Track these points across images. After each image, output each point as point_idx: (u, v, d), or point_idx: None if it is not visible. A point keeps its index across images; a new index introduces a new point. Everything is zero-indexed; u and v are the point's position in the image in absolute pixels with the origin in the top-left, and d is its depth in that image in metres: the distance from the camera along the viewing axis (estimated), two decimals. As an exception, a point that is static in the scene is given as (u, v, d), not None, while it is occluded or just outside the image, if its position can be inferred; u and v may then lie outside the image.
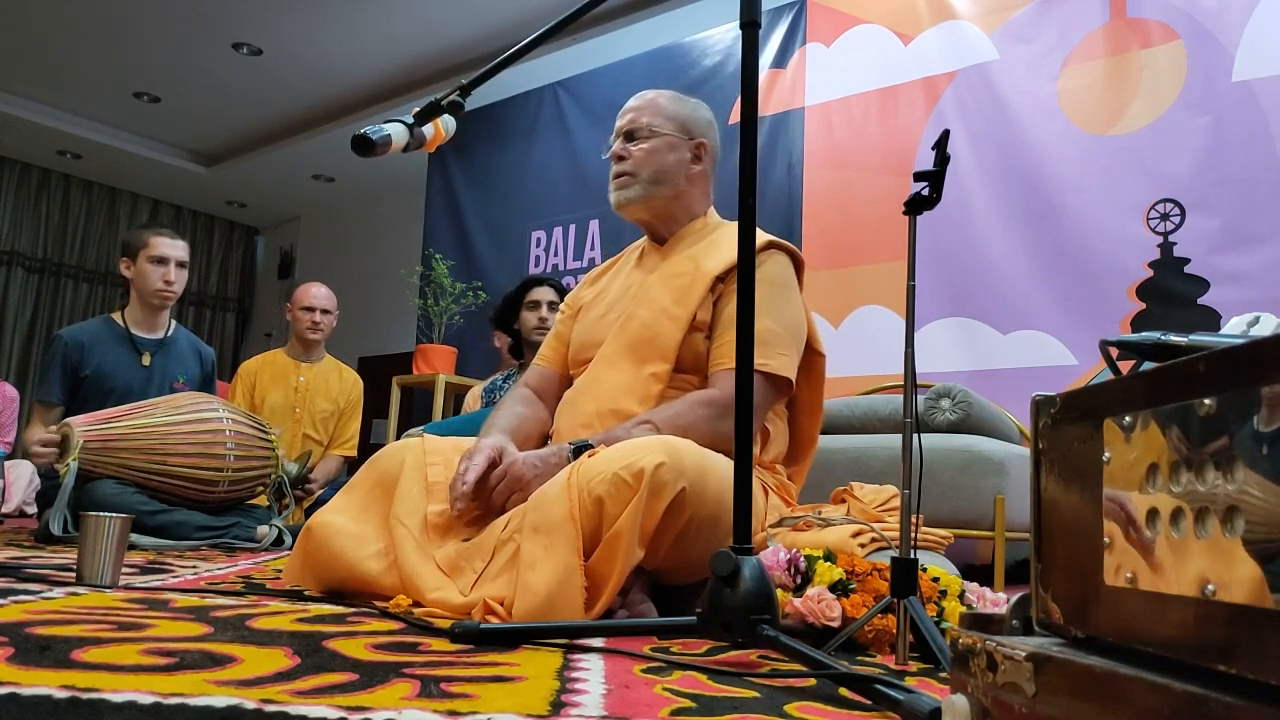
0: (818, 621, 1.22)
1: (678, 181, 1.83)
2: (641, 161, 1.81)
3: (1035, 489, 0.59)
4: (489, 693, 0.82)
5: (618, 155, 1.84)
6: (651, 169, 1.81)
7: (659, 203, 1.83)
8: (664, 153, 1.82)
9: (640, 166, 1.81)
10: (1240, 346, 0.43)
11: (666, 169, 1.82)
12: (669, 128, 1.83)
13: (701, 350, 1.70)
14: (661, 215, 1.85)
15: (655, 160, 1.81)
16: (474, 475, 1.51)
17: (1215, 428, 0.44)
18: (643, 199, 1.82)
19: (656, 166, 1.81)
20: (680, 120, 1.85)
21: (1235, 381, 0.43)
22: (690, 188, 1.86)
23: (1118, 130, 3.23)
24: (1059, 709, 0.50)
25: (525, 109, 5.26)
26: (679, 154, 1.83)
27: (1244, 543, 0.41)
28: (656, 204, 1.83)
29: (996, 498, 2.47)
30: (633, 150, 1.82)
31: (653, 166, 1.81)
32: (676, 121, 1.84)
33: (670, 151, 1.82)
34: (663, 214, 1.85)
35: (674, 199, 1.84)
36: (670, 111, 1.85)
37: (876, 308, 3.70)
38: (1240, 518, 0.42)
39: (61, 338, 2.99)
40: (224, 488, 2.74)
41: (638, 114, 1.84)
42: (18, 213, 7.51)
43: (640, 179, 1.81)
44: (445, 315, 4.62)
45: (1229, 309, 2.89)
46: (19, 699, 0.69)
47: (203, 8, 5.11)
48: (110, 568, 1.51)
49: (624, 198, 1.83)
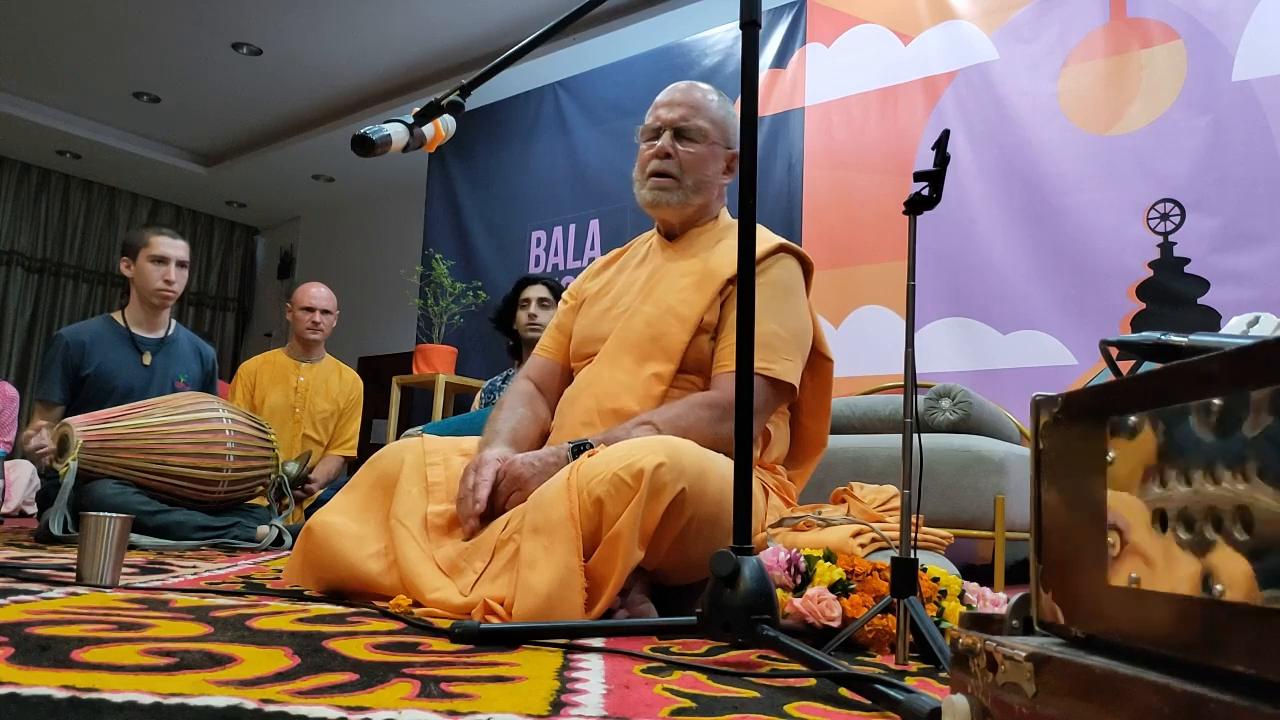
0: (818, 621, 1.22)
1: (711, 191, 1.81)
2: (689, 166, 1.77)
3: (1035, 489, 0.59)
4: (489, 693, 0.82)
5: (665, 152, 1.77)
6: (696, 176, 1.77)
7: (691, 210, 1.81)
8: (709, 162, 1.78)
9: (687, 172, 1.77)
10: (1245, 348, 0.43)
11: (708, 178, 1.79)
12: (716, 135, 1.79)
13: (706, 351, 1.69)
14: (687, 220, 1.83)
15: (701, 168, 1.78)
16: (485, 492, 1.50)
17: (1217, 429, 0.44)
18: (680, 204, 1.79)
19: (701, 175, 1.78)
20: (725, 129, 1.81)
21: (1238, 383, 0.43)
22: (718, 199, 1.85)
23: (1118, 130, 3.23)
24: (1059, 709, 0.50)
25: (525, 109, 5.26)
26: (718, 164, 1.81)
27: (1244, 543, 0.41)
28: (690, 211, 1.81)
29: (996, 498, 2.47)
30: (681, 151, 1.77)
31: (698, 174, 1.78)
32: (722, 129, 1.80)
33: (713, 161, 1.79)
34: (688, 219, 1.83)
35: (704, 207, 1.83)
36: (719, 117, 1.80)
37: (876, 308, 3.70)
38: (1240, 518, 0.42)
39: (62, 337, 2.99)
40: (224, 488, 2.74)
41: (692, 112, 1.78)
42: (17, 213, 7.51)
43: (684, 185, 1.77)
44: (445, 315, 4.62)
45: (1229, 309, 2.89)
46: (19, 699, 0.69)
47: (203, 8, 5.11)
48: (110, 568, 1.51)
49: (663, 199, 1.78)
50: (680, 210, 1.80)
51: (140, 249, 3.06)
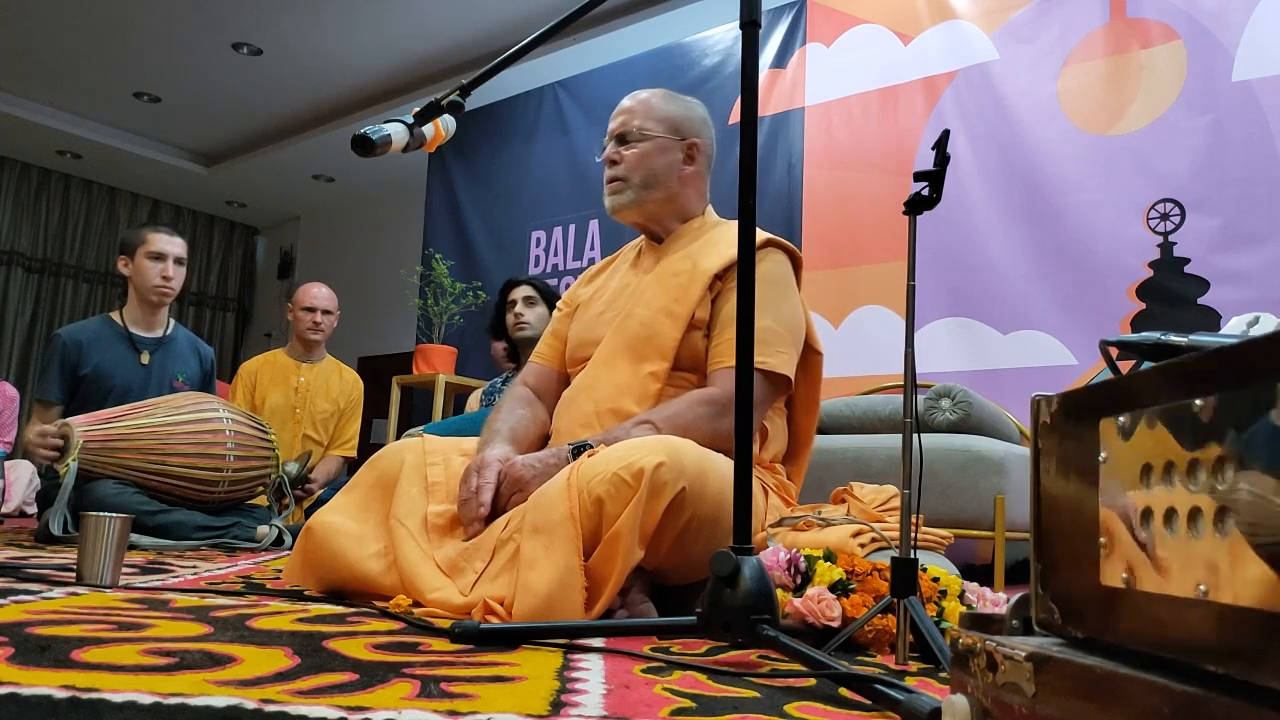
0: (818, 621, 1.22)
1: (670, 184, 1.83)
2: (633, 165, 1.81)
3: (1035, 489, 0.59)
4: (489, 693, 0.82)
5: (610, 159, 1.83)
6: (642, 173, 1.81)
7: (652, 206, 1.83)
8: (654, 156, 1.81)
9: (631, 171, 1.81)
10: (1237, 346, 0.43)
11: (657, 172, 1.81)
12: (660, 129, 1.82)
13: (700, 349, 1.70)
14: (655, 218, 1.85)
15: (646, 164, 1.81)
16: (489, 495, 1.50)
17: (1214, 427, 0.44)
18: (635, 203, 1.82)
19: (647, 170, 1.81)
20: (672, 121, 1.84)
21: (1233, 381, 0.43)
22: (683, 189, 1.85)
23: (1118, 130, 3.23)
24: (1059, 709, 0.50)
25: (525, 109, 5.26)
26: (670, 156, 1.82)
27: (1243, 543, 0.41)
28: (649, 207, 1.83)
29: (996, 498, 2.47)
30: (624, 154, 1.81)
31: (644, 170, 1.81)
32: (668, 123, 1.83)
33: (661, 154, 1.81)
34: (656, 216, 1.85)
35: (666, 201, 1.83)
36: (661, 113, 1.83)
37: (876, 308, 3.70)
38: (1239, 518, 0.42)
39: (60, 337, 2.99)
40: (224, 488, 2.74)
41: (629, 116, 1.84)
42: (18, 213, 7.51)
43: (632, 183, 1.81)
44: (445, 315, 4.62)
45: (1229, 309, 2.89)
46: (19, 699, 0.69)
47: (203, 8, 5.11)
48: (110, 568, 1.51)
49: (616, 203, 1.83)
50: (639, 209, 1.83)
51: (138, 246, 3.06)
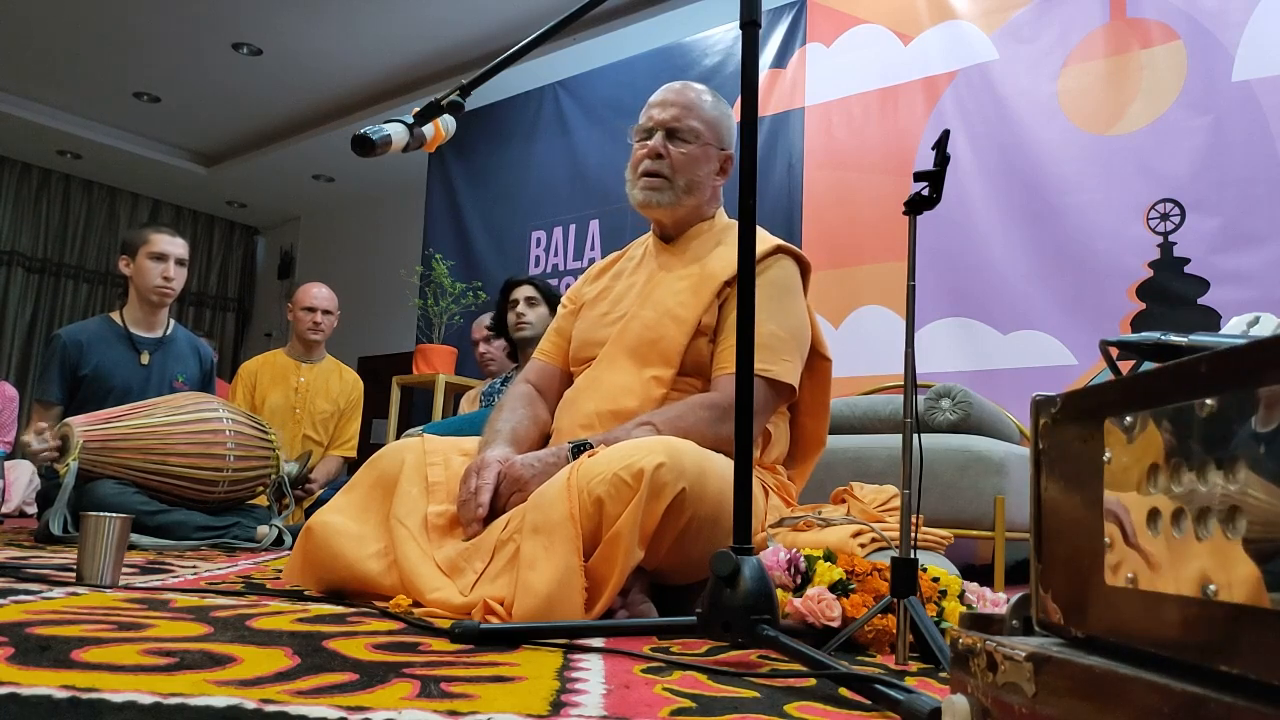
0: (818, 621, 1.22)
1: (704, 192, 1.81)
2: (680, 167, 1.76)
3: (1035, 489, 0.59)
4: (489, 693, 0.82)
5: (656, 151, 1.77)
6: (688, 177, 1.77)
7: (683, 211, 1.81)
8: (701, 163, 1.78)
9: (678, 172, 1.77)
10: (1241, 347, 0.43)
11: (700, 179, 1.79)
12: (709, 135, 1.79)
13: (705, 354, 1.69)
14: (680, 221, 1.83)
15: (693, 169, 1.77)
16: (488, 496, 1.50)
17: (1216, 428, 0.44)
18: (672, 205, 1.78)
19: (692, 175, 1.77)
20: (719, 129, 1.81)
21: (1236, 382, 0.43)
22: (711, 199, 1.85)
23: (1118, 130, 3.23)
24: (1059, 709, 0.50)
25: (525, 109, 5.26)
26: (710, 165, 1.80)
27: (1244, 543, 0.41)
28: (680, 212, 1.81)
29: (996, 498, 2.47)
30: (673, 152, 1.76)
31: (689, 175, 1.77)
32: (716, 130, 1.80)
33: (706, 161, 1.79)
34: (681, 220, 1.83)
35: (696, 208, 1.82)
36: (712, 117, 1.80)
37: (876, 308, 3.70)
38: (1241, 518, 0.42)
39: (60, 337, 2.99)
40: (224, 488, 2.74)
41: (684, 112, 1.78)
42: (18, 213, 7.51)
43: (675, 185, 1.77)
44: (445, 315, 4.62)
45: (1229, 309, 2.89)
46: (19, 699, 0.69)
47: (203, 8, 5.11)
48: (110, 568, 1.51)
49: (653, 199, 1.78)
50: (671, 211, 1.80)
51: (140, 246, 3.07)
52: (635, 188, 1.80)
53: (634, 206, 1.83)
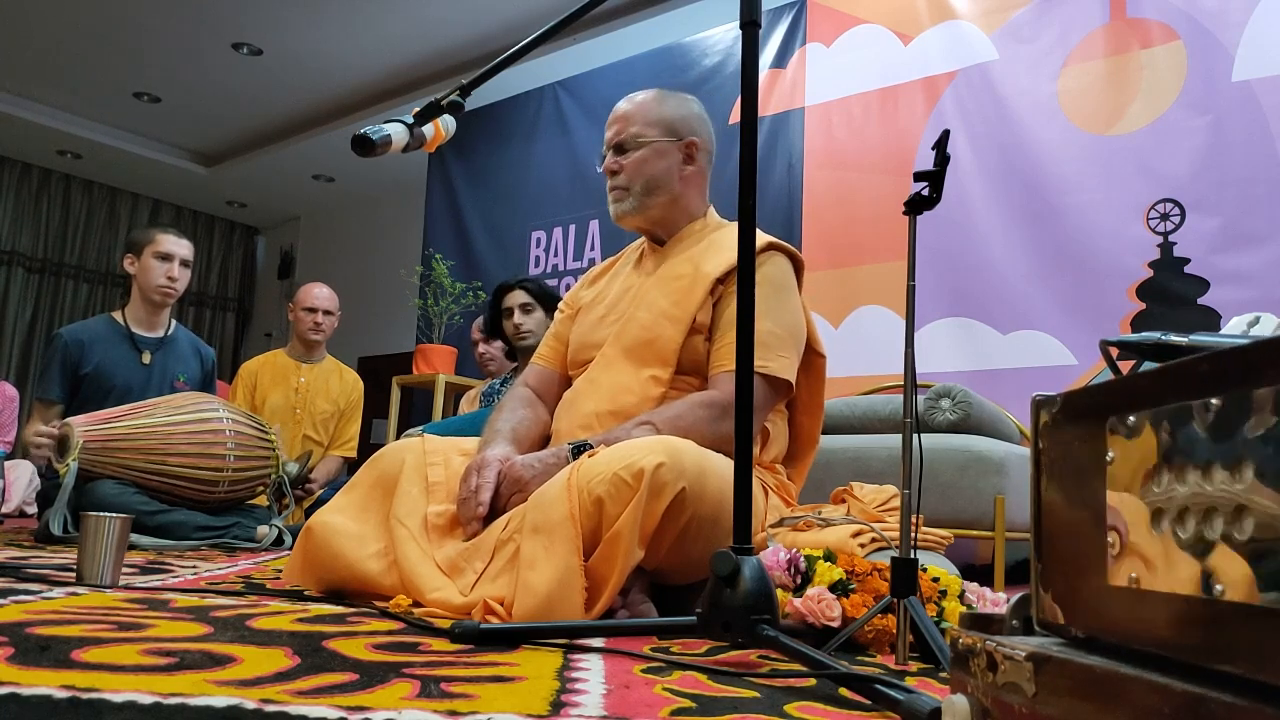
0: (818, 621, 1.22)
1: (672, 187, 1.82)
2: (633, 173, 1.80)
3: (1035, 489, 0.59)
4: (489, 693, 0.82)
5: (609, 169, 1.83)
6: (643, 180, 1.80)
7: (655, 211, 1.83)
8: (653, 161, 1.80)
9: (632, 179, 1.80)
10: (1247, 347, 0.43)
11: (657, 177, 1.81)
12: (655, 133, 1.81)
13: (701, 352, 1.70)
14: (659, 222, 1.85)
15: (645, 171, 1.80)
16: (488, 495, 1.50)
17: (1216, 429, 0.44)
18: (638, 210, 1.82)
19: (647, 177, 1.80)
20: (667, 122, 1.82)
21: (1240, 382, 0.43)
22: (686, 189, 1.85)
23: (1118, 130, 3.23)
24: (1059, 709, 0.50)
25: (525, 109, 5.26)
26: (669, 159, 1.82)
27: (1245, 543, 0.41)
28: (653, 213, 1.83)
29: (996, 498, 2.47)
30: (623, 163, 1.81)
31: (644, 177, 1.80)
32: (664, 124, 1.82)
33: (659, 159, 1.81)
34: (660, 220, 1.85)
35: (670, 204, 1.83)
36: (655, 115, 1.82)
37: (876, 308, 3.70)
38: (1242, 518, 0.42)
39: (62, 336, 3.00)
40: (224, 488, 2.74)
41: (624, 124, 1.83)
42: (18, 213, 7.51)
43: (633, 192, 1.80)
44: (445, 315, 4.62)
45: (1229, 309, 2.89)
46: (19, 699, 0.69)
47: (203, 8, 5.11)
48: (110, 568, 1.51)
49: (620, 210, 1.83)
50: (642, 215, 1.83)
51: (145, 245, 3.08)
52: (608, 204, 1.86)
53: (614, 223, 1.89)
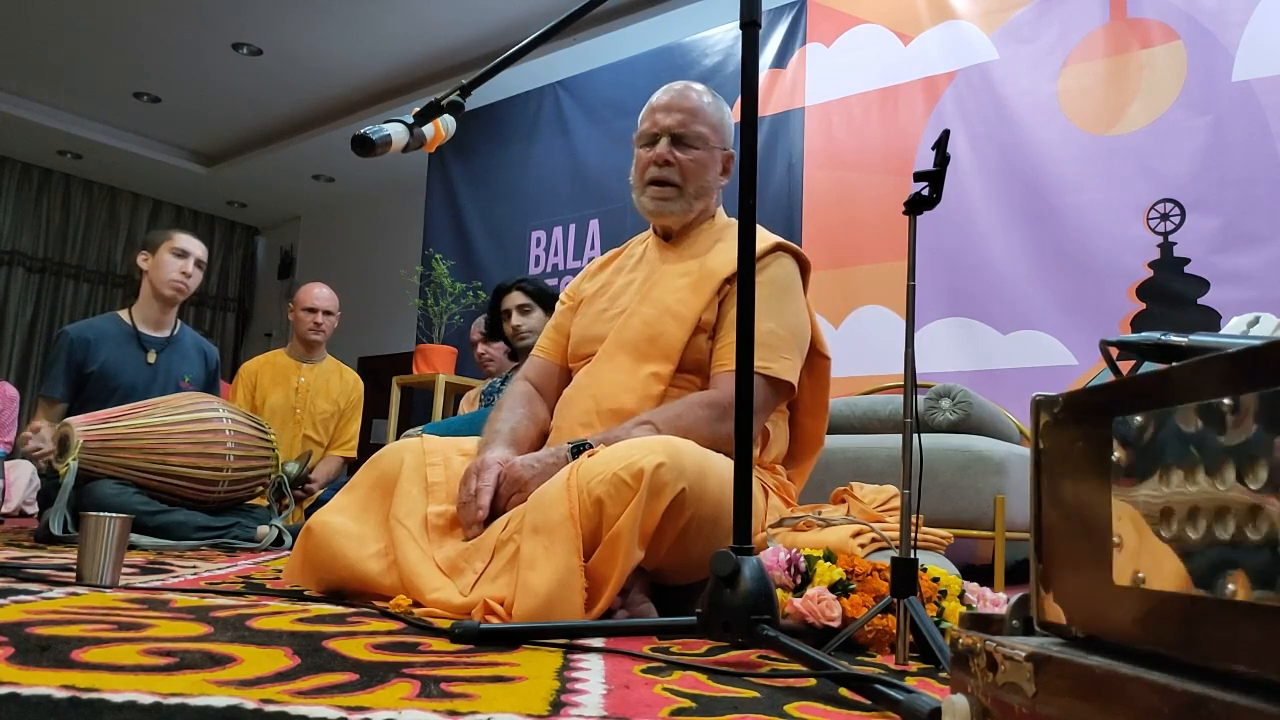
0: (818, 621, 1.22)
1: (711, 195, 1.81)
2: (690, 173, 1.75)
3: (1035, 489, 0.59)
4: (489, 693, 0.82)
5: (664, 159, 1.75)
6: (697, 183, 1.76)
7: (692, 216, 1.81)
8: (709, 167, 1.77)
9: (688, 179, 1.75)
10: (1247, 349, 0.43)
11: (708, 184, 1.79)
12: (714, 139, 1.78)
13: (704, 351, 1.69)
14: (686, 224, 1.83)
15: (702, 175, 1.76)
16: (488, 499, 1.50)
17: (1217, 429, 0.44)
18: (683, 213, 1.78)
19: (701, 181, 1.77)
20: (721, 131, 1.80)
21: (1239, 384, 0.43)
22: (714, 200, 1.85)
23: (1118, 130, 3.23)
24: (1059, 709, 0.50)
25: (525, 109, 5.26)
26: (716, 168, 1.80)
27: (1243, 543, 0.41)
28: (689, 217, 1.81)
29: (996, 498, 2.47)
30: (681, 159, 1.74)
31: (699, 181, 1.76)
32: (719, 132, 1.79)
33: (713, 166, 1.79)
34: (688, 224, 1.83)
35: (704, 211, 1.82)
36: (714, 120, 1.78)
37: (876, 308, 3.70)
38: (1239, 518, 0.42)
39: (67, 333, 2.99)
40: (224, 488, 2.74)
41: (690, 117, 1.75)
42: (18, 213, 7.51)
43: (686, 193, 1.76)
44: (445, 315, 4.62)
45: (1229, 309, 2.89)
46: (19, 699, 0.69)
47: (203, 8, 5.11)
48: (110, 568, 1.51)
49: (666, 209, 1.76)
50: (683, 218, 1.80)
51: (162, 242, 3.11)
52: (644, 195, 1.78)
53: (643, 214, 1.81)
